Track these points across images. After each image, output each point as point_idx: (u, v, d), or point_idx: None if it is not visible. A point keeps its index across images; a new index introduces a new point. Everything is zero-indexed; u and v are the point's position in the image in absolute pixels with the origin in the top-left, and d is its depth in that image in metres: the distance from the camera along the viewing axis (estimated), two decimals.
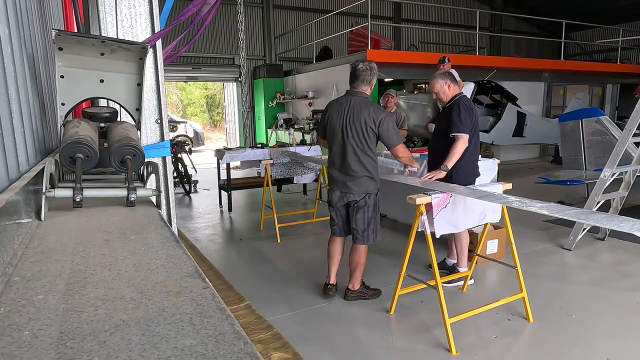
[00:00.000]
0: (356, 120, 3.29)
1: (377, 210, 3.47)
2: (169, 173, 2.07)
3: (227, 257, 4.91)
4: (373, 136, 3.32)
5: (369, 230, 3.46)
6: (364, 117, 3.27)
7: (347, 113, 3.34)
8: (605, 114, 6.46)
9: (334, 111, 3.42)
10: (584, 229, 4.75)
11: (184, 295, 0.75)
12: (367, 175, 3.35)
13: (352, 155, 3.32)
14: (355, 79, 3.39)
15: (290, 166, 6.06)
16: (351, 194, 3.39)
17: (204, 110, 24.76)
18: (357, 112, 3.29)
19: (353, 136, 3.30)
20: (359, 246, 3.49)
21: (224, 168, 6.69)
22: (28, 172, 1.25)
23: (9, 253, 0.88)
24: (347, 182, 3.38)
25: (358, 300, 3.54)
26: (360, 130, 3.29)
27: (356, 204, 3.40)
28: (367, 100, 3.38)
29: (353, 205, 3.42)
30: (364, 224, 3.43)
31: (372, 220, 3.45)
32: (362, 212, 3.41)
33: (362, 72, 3.37)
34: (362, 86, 3.39)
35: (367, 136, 3.29)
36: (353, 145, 3.31)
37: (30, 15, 1.66)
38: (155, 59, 1.98)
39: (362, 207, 3.40)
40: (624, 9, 14.31)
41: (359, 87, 3.39)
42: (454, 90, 3.71)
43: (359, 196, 3.38)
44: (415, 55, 11.24)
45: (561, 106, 12.43)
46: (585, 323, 3.19)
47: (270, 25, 12.73)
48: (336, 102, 3.48)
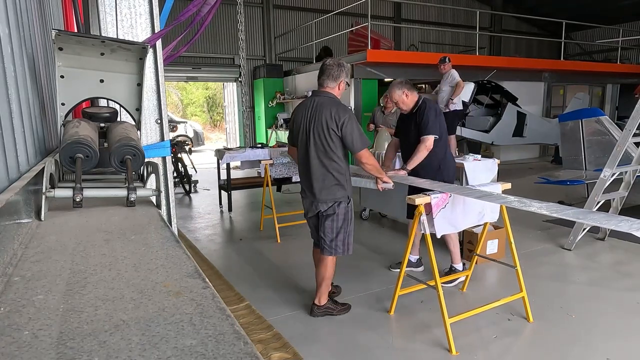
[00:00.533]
0: (318, 122, 3.01)
1: (348, 219, 3.18)
2: (169, 173, 2.07)
3: (227, 257, 4.91)
4: (337, 139, 3.01)
5: (337, 241, 3.16)
6: (326, 118, 2.98)
7: (310, 115, 3.06)
8: (605, 114, 6.46)
9: (299, 114, 3.17)
10: (584, 229, 4.75)
11: (184, 295, 0.75)
12: (333, 182, 3.08)
13: (316, 160, 3.06)
14: (320, 74, 3.11)
15: (290, 166, 6.06)
16: (319, 202, 3.13)
17: (204, 110, 24.77)
18: (319, 112, 3.01)
19: (316, 140, 3.03)
20: (325, 257, 3.21)
21: (224, 168, 6.69)
22: (28, 172, 1.25)
23: (9, 253, 0.88)
24: (313, 190, 3.12)
25: (325, 316, 3.31)
26: (323, 132, 3.00)
27: (325, 213, 3.14)
28: (331, 99, 3.07)
29: (322, 214, 3.17)
30: (332, 233, 3.16)
31: (341, 230, 3.16)
32: (331, 220, 3.14)
33: (328, 67, 3.08)
34: (328, 82, 3.09)
35: (330, 139, 3.00)
36: (316, 150, 3.05)
37: (30, 15, 1.66)
38: (155, 59, 1.99)
39: (330, 215, 3.14)
40: (624, 9, 14.31)
41: (324, 84, 3.10)
42: (412, 98, 3.70)
43: (326, 204, 3.12)
44: (415, 55, 11.24)
45: (561, 106, 12.43)
46: (585, 323, 3.19)
47: (270, 25, 12.73)
48: (301, 105, 3.21)
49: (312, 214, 3.25)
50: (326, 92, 3.11)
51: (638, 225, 2.05)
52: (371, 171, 3.24)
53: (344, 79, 3.13)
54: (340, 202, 3.13)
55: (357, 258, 4.65)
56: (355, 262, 4.51)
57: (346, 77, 3.14)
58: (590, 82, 13.20)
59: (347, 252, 3.22)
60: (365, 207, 6.02)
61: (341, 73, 3.10)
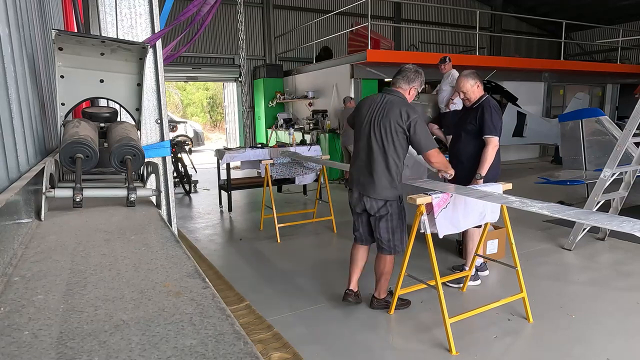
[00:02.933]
0: (385, 119, 3.04)
1: (402, 217, 3.23)
2: (169, 173, 2.07)
3: (227, 257, 4.91)
4: (402, 138, 3.04)
5: (395, 240, 3.22)
6: (395, 117, 3.01)
7: (378, 110, 3.09)
8: (605, 114, 6.46)
9: (365, 105, 3.20)
10: (584, 229, 4.75)
11: (184, 295, 0.75)
12: (387, 180, 3.10)
13: (376, 155, 3.08)
14: (396, 74, 3.19)
15: (291, 166, 6.06)
16: (368, 197, 3.15)
17: (204, 110, 24.78)
18: (388, 110, 3.04)
19: (380, 136, 3.06)
20: (384, 256, 3.27)
21: (224, 168, 6.69)
22: (28, 172, 1.25)
23: (9, 253, 0.88)
24: (365, 183, 3.15)
25: (384, 309, 3.36)
26: (389, 130, 3.03)
27: (377, 213, 3.17)
28: (402, 100, 3.12)
29: (374, 214, 3.19)
30: (388, 233, 3.20)
31: (397, 229, 3.21)
32: (385, 221, 3.18)
33: (406, 69, 3.16)
34: (402, 84, 3.16)
35: (395, 138, 3.03)
36: (378, 146, 3.08)
37: (30, 15, 1.66)
38: (155, 59, 1.98)
39: (384, 215, 3.16)
40: (624, 9, 14.31)
41: (397, 84, 3.17)
42: (479, 91, 3.69)
43: (376, 204, 3.14)
44: (415, 55, 11.23)
45: (561, 106, 12.42)
46: (585, 323, 3.19)
47: (270, 25, 12.73)
48: (370, 97, 3.26)
49: (359, 209, 3.28)
50: (398, 92, 3.15)
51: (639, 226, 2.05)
52: (440, 168, 3.25)
53: (417, 85, 3.18)
54: (393, 203, 3.15)
55: None
56: None
57: (420, 85, 3.20)
58: (590, 82, 13.20)
59: (404, 248, 3.26)
60: None
61: (416, 79, 3.16)
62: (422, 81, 3.21)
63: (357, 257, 3.42)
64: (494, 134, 3.56)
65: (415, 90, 3.19)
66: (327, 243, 5.31)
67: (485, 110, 3.58)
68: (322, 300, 3.62)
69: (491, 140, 3.57)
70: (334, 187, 8.40)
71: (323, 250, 5.10)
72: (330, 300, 3.59)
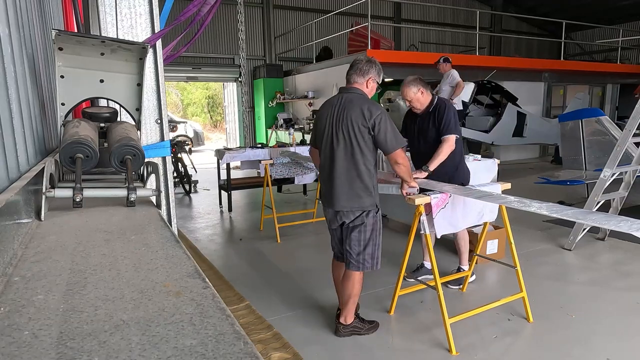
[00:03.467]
0: (346, 120, 2.74)
1: (377, 230, 2.90)
2: (169, 173, 2.07)
3: (227, 257, 4.91)
4: (368, 139, 2.74)
5: (365, 254, 2.87)
6: (356, 117, 2.71)
7: (337, 112, 2.79)
8: (605, 114, 6.46)
9: (324, 112, 2.92)
10: (584, 229, 4.75)
11: (184, 295, 0.75)
12: (360, 189, 2.79)
13: (342, 162, 2.78)
14: (349, 69, 2.89)
15: (291, 166, 6.06)
16: (343, 211, 2.84)
17: (204, 110, 24.78)
18: (348, 110, 2.74)
19: (345, 139, 2.75)
20: (352, 273, 2.91)
21: (224, 168, 6.69)
22: (28, 172, 1.25)
23: (9, 253, 0.88)
24: (338, 196, 2.83)
25: (352, 336, 3.03)
26: (352, 132, 2.73)
27: (352, 223, 2.86)
28: (361, 96, 2.81)
29: (348, 225, 2.88)
30: (358, 245, 2.86)
31: (369, 242, 2.87)
32: (358, 232, 2.85)
33: (357, 62, 2.86)
34: (356, 78, 2.84)
35: (361, 140, 2.73)
36: (344, 151, 2.77)
37: (30, 15, 1.66)
38: (155, 59, 1.99)
39: (357, 226, 2.85)
40: (624, 9, 14.31)
41: (352, 80, 2.86)
42: (427, 96, 3.51)
43: (352, 214, 2.83)
44: (415, 55, 11.23)
45: (561, 106, 12.43)
46: (585, 323, 3.19)
47: (270, 25, 12.73)
48: (327, 102, 2.96)
49: (335, 225, 2.98)
50: (354, 89, 2.85)
51: (638, 225, 2.05)
52: (404, 174, 2.95)
53: (373, 76, 2.86)
54: (369, 212, 2.84)
55: None
56: None
57: (377, 74, 2.88)
58: (590, 82, 13.20)
59: (376, 267, 2.93)
60: None
61: (370, 69, 2.84)
62: (378, 70, 2.88)
63: (339, 276, 3.11)
64: (454, 132, 3.40)
65: (373, 81, 2.87)
66: (327, 243, 5.27)
67: (445, 109, 3.41)
68: (322, 300, 3.62)
69: (449, 139, 3.39)
70: None
71: (323, 250, 5.10)
72: (330, 301, 3.59)
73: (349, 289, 2.96)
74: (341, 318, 3.04)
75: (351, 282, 2.94)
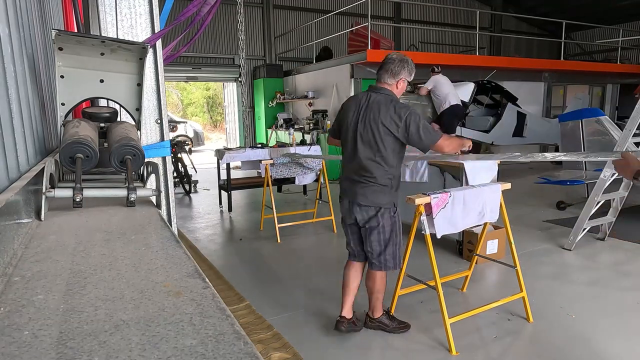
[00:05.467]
0: (372, 121, 2.72)
1: (396, 230, 2.90)
2: (169, 173, 2.07)
3: (227, 257, 4.91)
4: (394, 141, 2.72)
5: (386, 254, 2.89)
6: (385, 119, 2.68)
7: (363, 112, 2.78)
8: (605, 114, 6.47)
9: (349, 108, 2.89)
10: (584, 229, 4.76)
11: (184, 295, 0.75)
12: (379, 185, 2.78)
13: (364, 161, 2.78)
14: (379, 68, 2.82)
15: (291, 166, 6.06)
16: (359, 206, 2.83)
17: (204, 110, 24.79)
18: (376, 111, 2.72)
19: (368, 140, 2.75)
20: (374, 272, 2.97)
21: (224, 168, 6.69)
22: (28, 172, 1.25)
23: (9, 253, 0.88)
24: (355, 190, 2.84)
25: (379, 330, 3.08)
26: (377, 134, 2.71)
27: (368, 224, 2.87)
28: (389, 97, 2.76)
29: (364, 225, 2.89)
30: (379, 246, 2.88)
31: (389, 242, 2.87)
32: (377, 233, 2.86)
33: (389, 61, 2.78)
34: (387, 79, 2.79)
35: (387, 141, 2.71)
36: (368, 151, 2.77)
37: (30, 15, 1.66)
38: (155, 59, 1.98)
39: (374, 227, 2.85)
40: (624, 9, 14.31)
41: (382, 80, 2.81)
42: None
43: (367, 213, 2.83)
44: (415, 55, 11.22)
45: (561, 106, 12.43)
46: (585, 323, 3.19)
47: (270, 25, 12.73)
48: (354, 99, 2.95)
49: (350, 221, 2.97)
50: (383, 89, 2.79)
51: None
52: (456, 150, 2.88)
53: (405, 76, 2.80)
54: (385, 210, 2.82)
55: None
56: None
57: (408, 74, 2.81)
58: (590, 82, 13.20)
59: (398, 267, 2.97)
60: None
61: (402, 70, 2.78)
62: (410, 70, 2.82)
63: (350, 277, 3.07)
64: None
65: (404, 82, 2.82)
66: (327, 243, 5.31)
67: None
68: (322, 300, 3.62)
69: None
70: (334, 187, 8.40)
71: (323, 250, 5.10)
72: (330, 301, 3.59)
73: (371, 285, 3.03)
74: (369, 311, 3.12)
75: (373, 280, 3.00)
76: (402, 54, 2.89)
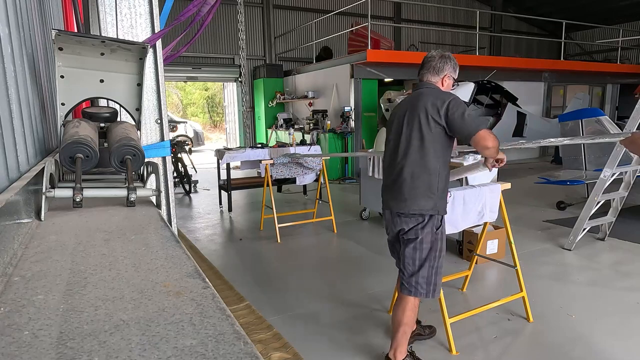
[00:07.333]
0: (414, 112, 2.43)
1: (436, 251, 2.48)
2: (169, 173, 2.07)
3: (227, 257, 4.91)
4: (439, 132, 2.38)
5: (419, 277, 2.47)
6: (427, 106, 2.39)
7: (407, 106, 2.52)
8: (605, 114, 6.47)
9: (395, 111, 2.66)
10: (584, 229, 4.76)
11: (184, 295, 0.75)
12: (423, 187, 2.42)
13: (408, 158, 2.45)
14: (420, 68, 2.62)
15: (291, 166, 6.07)
16: (399, 215, 2.50)
17: (204, 110, 24.79)
18: (417, 101, 2.45)
19: (410, 132, 2.44)
20: (404, 297, 2.54)
21: (224, 168, 6.69)
22: (28, 172, 1.25)
23: (9, 253, 0.88)
24: (395, 195, 2.51)
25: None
26: (418, 124, 2.41)
27: (406, 235, 2.50)
28: (433, 89, 2.52)
29: (403, 235, 2.53)
30: (413, 265, 2.48)
31: (426, 262, 2.46)
32: (412, 248, 2.47)
33: (430, 59, 2.57)
34: (430, 77, 2.56)
35: (429, 132, 2.38)
36: (411, 144, 2.44)
37: (30, 15, 1.66)
38: (155, 59, 1.98)
39: (412, 240, 2.47)
40: (624, 9, 14.32)
41: (425, 78, 2.58)
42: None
43: (407, 222, 2.47)
44: (415, 55, 11.20)
45: (561, 106, 12.43)
46: (585, 323, 3.19)
47: (270, 25, 12.74)
48: (401, 102, 2.71)
49: (392, 233, 2.64)
50: (429, 83, 2.58)
51: None
52: (491, 155, 2.43)
53: (449, 72, 2.57)
54: (427, 222, 2.45)
55: (356, 258, 4.65)
56: (355, 262, 4.51)
57: (453, 70, 2.59)
58: (590, 82, 13.21)
59: (433, 295, 2.52)
60: (365, 207, 6.02)
61: (445, 65, 2.55)
62: (453, 65, 2.59)
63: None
64: None
65: (449, 78, 2.58)
66: (327, 243, 5.31)
67: None
68: (322, 300, 3.62)
69: None
70: (334, 187, 8.41)
71: (323, 250, 5.10)
72: (331, 301, 3.59)
73: (398, 315, 2.56)
74: (390, 352, 2.62)
75: (402, 307, 2.55)
76: (441, 51, 2.66)
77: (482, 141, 2.32)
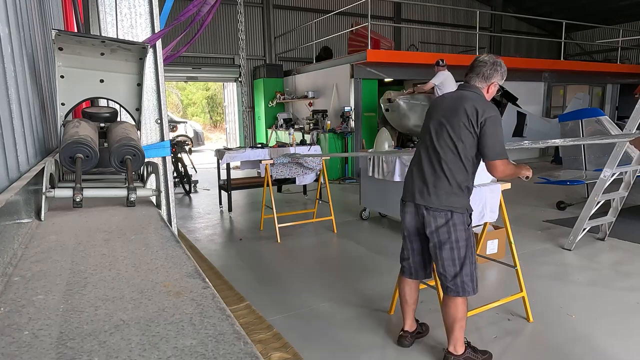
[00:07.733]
0: (454, 113, 2.48)
1: (471, 247, 2.55)
2: (169, 173, 2.07)
3: (227, 257, 4.91)
4: (471, 138, 2.45)
5: (463, 276, 2.52)
6: (467, 111, 2.43)
7: (448, 104, 2.56)
8: (605, 114, 6.47)
9: (434, 105, 2.71)
10: (584, 229, 4.76)
11: (184, 295, 0.75)
12: (454, 184, 2.49)
13: (440, 155, 2.51)
14: (469, 70, 2.61)
15: (291, 167, 6.07)
16: (427, 209, 2.53)
17: (204, 110, 24.80)
18: (459, 104, 2.48)
19: (447, 132, 2.49)
20: (453, 299, 2.58)
21: (223, 168, 6.70)
22: (28, 172, 1.25)
23: (9, 253, 0.88)
24: (423, 190, 2.55)
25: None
26: (456, 126, 2.46)
27: (437, 237, 2.53)
28: (479, 96, 2.54)
29: (434, 237, 2.55)
30: (454, 266, 2.52)
31: (465, 260, 2.52)
32: (450, 249, 2.51)
33: (480, 64, 2.57)
34: (476, 82, 2.58)
35: (468, 133, 2.44)
36: (445, 143, 2.50)
37: (30, 15, 1.66)
38: (155, 59, 1.98)
39: (445, 241, 2.51)
40: (624, 9, 14.32)
41: (472, 82, 2.59)
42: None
43: (436, 219, 2.51)
44: (415, 55, 11.23)
45: (561, 106, 12.43)
46: (585, 323, 3.19)
47: (270, 25, 12.74)
48: (442, 96, 2.77)
49: (412, 228, 2.68)
50: (475, 87, 2.59)
51: None
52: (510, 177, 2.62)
53: (496, 80, 2.59)
54: (455, 215, 2.50)
55: (357, 258, 4.65)
56: (355, 262, 4.51)
57: (501, 78, 2.60)
58: (590, 82, 13.21)
59: (476, 291, 2.58)
60: (365, 207, 6.02)
61: (495, 74, 2.56)
62: (502, 73, 2.59)
63: (407, 293, 2.86)
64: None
65: (495, 86, 2.60)
66: (327, 243, 5.31)
67: None
68: (322, 300, 3.62)
69: None
70: (334, 187, 8.41)
71: (323, 250, 5.10)
72: (330, 301, 3.59)
73: (451, 314, 2.61)
74: (449, 346, 2.69)
75: (454, 306, 2.60)
76: (494, 56, 2.64)
77: (492, 170, 2.48)
